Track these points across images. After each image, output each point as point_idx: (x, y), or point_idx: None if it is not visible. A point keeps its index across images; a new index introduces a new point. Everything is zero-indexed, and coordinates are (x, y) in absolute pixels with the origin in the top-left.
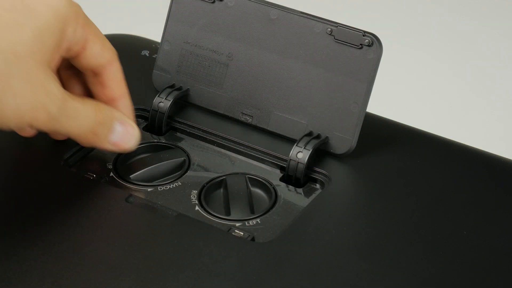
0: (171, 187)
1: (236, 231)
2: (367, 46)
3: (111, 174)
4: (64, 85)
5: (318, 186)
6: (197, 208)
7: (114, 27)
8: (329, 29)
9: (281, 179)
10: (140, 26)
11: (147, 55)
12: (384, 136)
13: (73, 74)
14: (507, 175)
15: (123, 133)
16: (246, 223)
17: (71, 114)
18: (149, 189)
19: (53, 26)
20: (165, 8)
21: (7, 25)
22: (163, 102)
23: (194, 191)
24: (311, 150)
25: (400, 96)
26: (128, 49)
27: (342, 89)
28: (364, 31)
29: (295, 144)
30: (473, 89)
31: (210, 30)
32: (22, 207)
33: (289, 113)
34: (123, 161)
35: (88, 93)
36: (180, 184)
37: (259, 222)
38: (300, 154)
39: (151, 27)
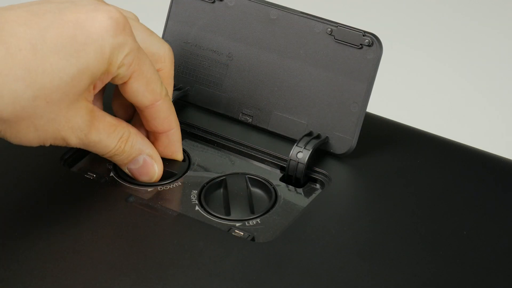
0: (171, 187)
1: (236, 231)
2: (367, 46)
3: (111, 174)
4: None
5: (318, 186)
6: (197, 208)
7: None
8: (329, 29)
9: (281, 179)
10: None
11: None
12: (384, 136)
13: None
14: (507, 175)
15: (142, 167)
16: (246, 223)
17: (90, 144)
18: (149, 189)
19: (95, 67)
20: (165, 8)
21: (49, 71)
22: None
23: (194, 191)
24: (311, 150)
25: (400, 96)
26: None
27: (342, 89)
28: (364, 31)
29: (295, 144)
30: (473, 89)
31: (210, 30)
32: (22, 207)
33: (289, 113)
34: None
35: None
36: (180, 184)
37: (259, 222)
38: (300, 154)
39: (151, 27)
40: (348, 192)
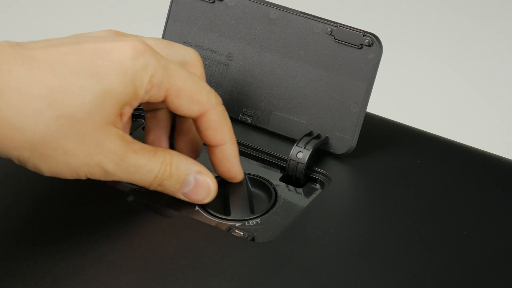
0: None
1: (236, 231)
2: (367, 46)
3: None
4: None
5: (318, 186)
6: (197, 208)
7: (114, 27)
8: (329, 29)
9: (281, 179)
10: (140, 26)
11: None
12: (384, 136)
13: None
14: (507, 175)
15: (196, 186)
16: (246, 223)
17: (131, 170)
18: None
19: (118, 90)
20: (165, 8)
21: (70, 89)
22: None
23: None
24: (311, 150)
25: (400, 96)
26: None
27: (342, 89)
28: (364, 31)
29: (295, 144)
30: (473, 89)
31: (210, 30)
32: (21, 208)
33: (289, 113)
34: None
35: None
36: None
37: (259, 222)
38: (300, 154)
39: (151, 27)
40: (348, 192)
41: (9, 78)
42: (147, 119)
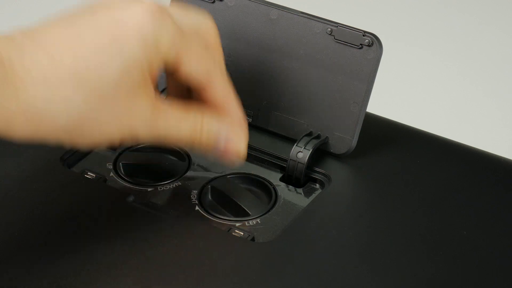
0: (171, 187)
1: (236, 231)
2: (367, 46)
3: (111, 174)
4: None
5: (318, 186)
6: (197, 208)
7: None
8: (329, 29)
9: (281, 179)
10: None
11: None
12: (384, 136)
13: None
14: (507, 175)
15: (226, 148)
16: (246, 223)
17: (161, 132)
18: (149, 189)
19: (141, 57)
20: None
21: (93, 69)
22: None
23: (194, 191)
24: (311, 150)
25: (400, 96)
26: None
27: (342, 89)
28: (364, 31)
29: (295, 144)
30: (473, 89)
31: None
32: (22, 207)
33: (289, 113)
34: (123, 161)
35: None
36: (180, 184)
37: (259, 222)
38: (300, 154)
39: None
40: (348, 192)
41: (32, 71)
42: (167, 77)
